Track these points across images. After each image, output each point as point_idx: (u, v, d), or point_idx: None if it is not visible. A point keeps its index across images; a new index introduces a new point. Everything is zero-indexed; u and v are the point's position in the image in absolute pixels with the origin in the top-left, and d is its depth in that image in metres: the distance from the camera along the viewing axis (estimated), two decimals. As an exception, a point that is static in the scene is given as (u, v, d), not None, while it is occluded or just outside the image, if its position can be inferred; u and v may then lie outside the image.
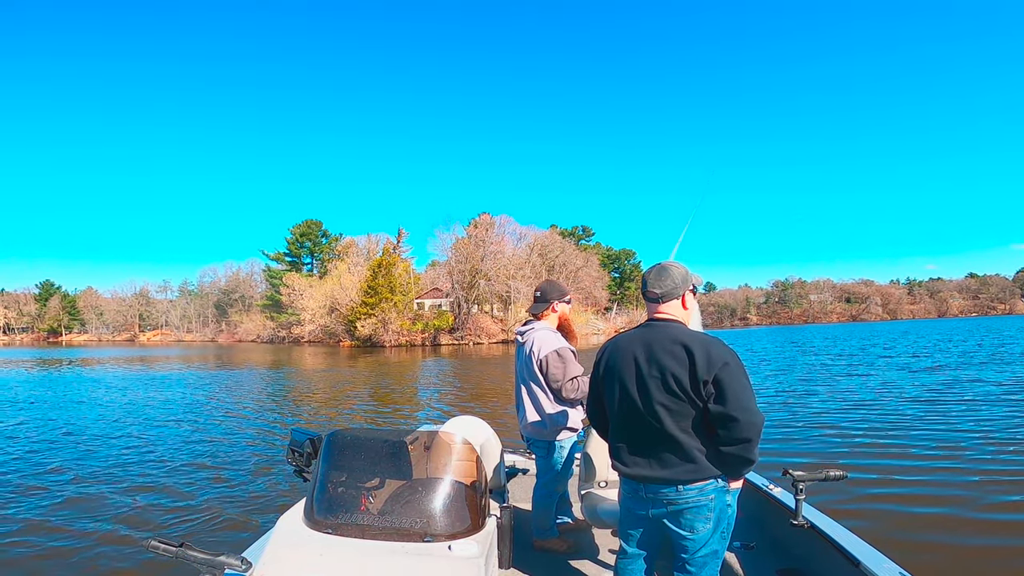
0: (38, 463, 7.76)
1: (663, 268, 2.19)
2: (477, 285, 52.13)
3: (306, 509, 2.18)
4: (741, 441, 1.94)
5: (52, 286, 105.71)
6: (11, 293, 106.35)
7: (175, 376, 22.38)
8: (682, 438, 2.00)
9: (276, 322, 70.53)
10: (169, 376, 22.43)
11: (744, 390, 1.95)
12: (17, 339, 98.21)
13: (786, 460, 6.66)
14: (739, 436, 1.93)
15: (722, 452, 1.99)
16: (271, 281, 76.55)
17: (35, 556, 4.55)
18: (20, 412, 12.95)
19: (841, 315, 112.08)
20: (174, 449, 8.49)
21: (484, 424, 3.12)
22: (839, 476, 2.66)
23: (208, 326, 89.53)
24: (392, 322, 50.92)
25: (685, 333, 2.07)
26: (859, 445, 7.75)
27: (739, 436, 1.93)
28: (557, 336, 3.21)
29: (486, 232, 53.69)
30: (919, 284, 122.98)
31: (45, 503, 5.92)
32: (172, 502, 5.84)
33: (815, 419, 9.84)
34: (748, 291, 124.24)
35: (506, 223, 57.00)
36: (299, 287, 63.17)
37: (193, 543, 1.79)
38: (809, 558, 2.78)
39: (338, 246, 70.53)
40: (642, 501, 2.11)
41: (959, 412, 9.91)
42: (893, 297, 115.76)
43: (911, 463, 6.69)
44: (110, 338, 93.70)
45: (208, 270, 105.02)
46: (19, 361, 35.95)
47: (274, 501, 5.71)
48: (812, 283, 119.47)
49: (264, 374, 23.46)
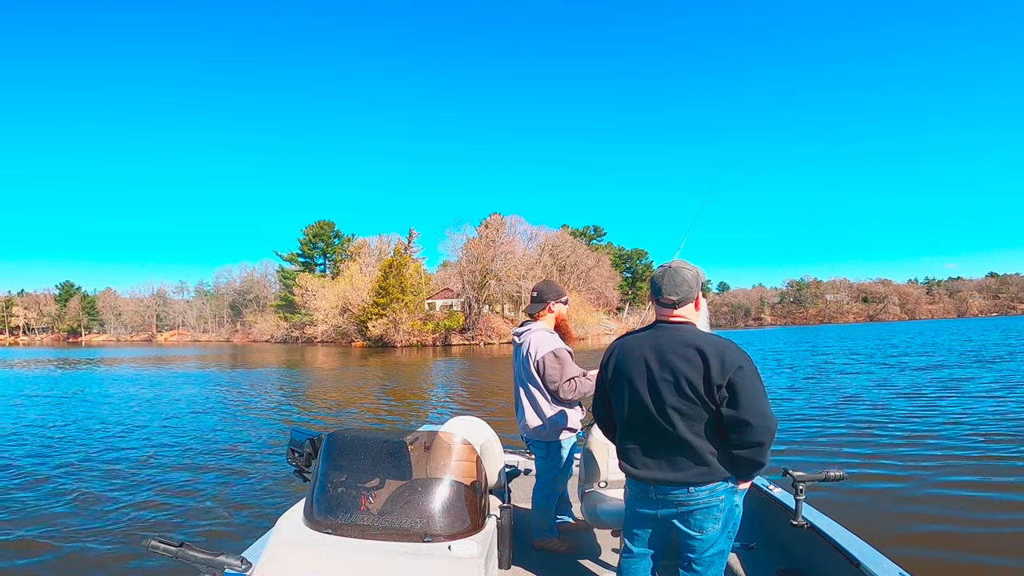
0: (39, 463, 7.82)
1: (675, 271, 2.12)
2: (488, 285, 52.17)
3: (306, 509, 2.19)
4: (754, 445, 1.93)
5: (72, 287, 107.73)
6: (32, 294, 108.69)
7: (185, 376, 22.63)
8: (694, 441, 1.98)
9: (289, 322, 71.18)
10: (180, 376, 22.69)
11: (758, 394, 1.93)
12: (38, 339, 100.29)
13: (786, 460, 6.64)
14: (753, 440, 1.92)
15: (734, 455, 1.98)
16: (284, 282, 77.26)
17: (35, 556, 4.57)
18: (27, 410, 13.18)
19: (858, 315, 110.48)
20: (175, 449, 8.54)
21: (484, 424, 3.12)
22: (839, 476, 2.64)
23: (223, 326, 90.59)
24: (403, 322, 51.14)
25: (698, 336, 2.04)
26: (859, 445, 7.72)
27: (753, 440, 1.92)
28: (554, 337, 3.19)
29: (497, 232, 53.72)
30: (938, 284, 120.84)
31: (45, 502, 5.94)
32: (172, 502, 5.86)
33: (815, 418, 9.80)
34: (762, 291, 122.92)
35: (517, 223, 57.07)
36: (312, 287, 63.71)
37: (193, 543, 1.80)
38: (809, 558, 2.77)
39: (350, 247, 70.92)
40: (651, 502, 2.09)
41: (960, 412, 9.83)
42: (911, 297, 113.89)
43: (911, 463, 6.67)
44: (128, 338, 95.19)
45: (223, 271, 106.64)
46: (37, 361, 36.64)
47: (274, 501, 5.73)
48: (828, 283, 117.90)
49: (274, 374, 23.66)
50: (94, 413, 12.59)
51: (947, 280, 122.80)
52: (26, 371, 27.26)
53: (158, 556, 1.76)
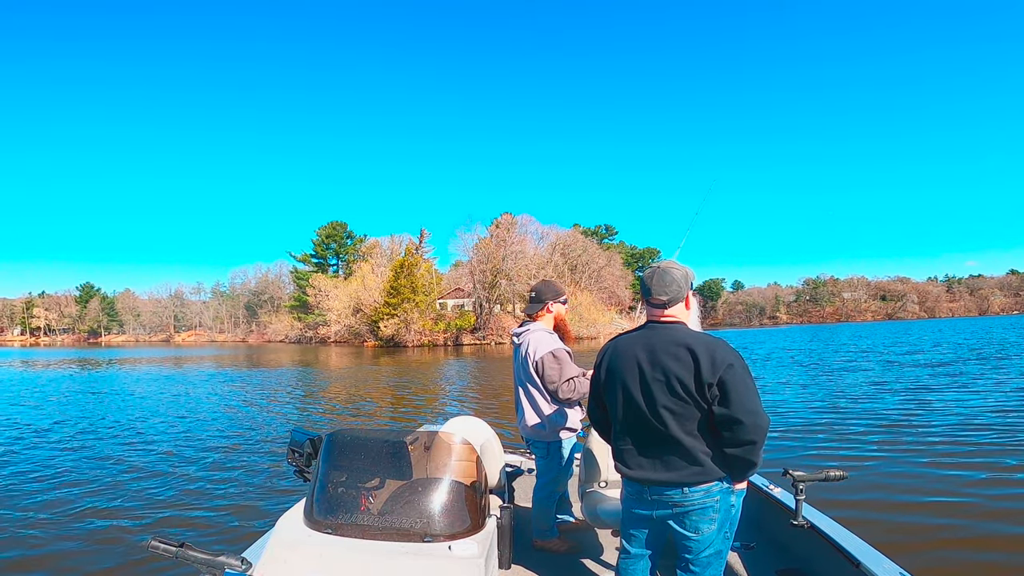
0: (40, 461, 7.90)
1: (664, 271, 2.14)
2: (499, 285, 52.18)
3: (306, 509, 2.20)
4: (746, 443, 1.93)
5: (92, 288, 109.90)
6: (53, 295, 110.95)
7: (197, 377, 22.80)
8: (687, 441, 1.98)
9: (303, 323, 71.80)
10: (192, 377, 22.87)
11: (749, 392, 1.93)
12: (59, 340, 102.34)
13: (786, 459, 6.60)
14: (744, 438, 1.92)
15: (727, 454, 1.98)
16: (298, 282, 77.98)
17: (35, 555, 4.57)
18: (28, 410, 13.35)
19: (876, 314, 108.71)
20: (177, 448, 8.59)
21: (484, 424, 3.13)
22: (839, 476, 2.63)
23: (239, 327, 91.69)
24: (414, 322, 51.36)
25: (688, 335, 2.05)
26: (860, 445, 7.67)
27: (744, 438, 1.92)
28: (553, 337, 3.18)
29: (508, 232, 53.70)
30: (958, 281, 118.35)
31: (45, 501, 5.96)
32: (173, 501, 5.88)
33: (816, 418, 9.73)
34: (777, 289, 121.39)
35: (528, 223, 57.00)
36: (324, 288, 64.21)
37: (193, 543, 1.80)
38: (809, 558, 2.76)
39: (362, 247, 71.40)
40: (646, 503, 2.09)
41: (961, 412, 9.72)
42: (931, 295, 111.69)
43: (912, 463, 6.63)
44: (147, 338, 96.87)
45: (238, 272, 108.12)
46: (60, 362, 37.30)
47: (274, 501, 5.74)
48: (845, 281, 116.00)
49: (284, 374, 23.83)
50: (99, 412, 12.71)
51: (967, 278, 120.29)
52: (44, 372, 27.80)
53: (158, 556, 1.76)
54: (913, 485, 5.84)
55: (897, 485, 5.84)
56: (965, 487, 5.71)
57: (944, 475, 6.11)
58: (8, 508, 5.76)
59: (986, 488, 5.64)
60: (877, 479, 6.02)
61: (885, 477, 6.10)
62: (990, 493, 5.50)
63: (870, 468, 6.43)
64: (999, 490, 5.58)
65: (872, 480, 5.97)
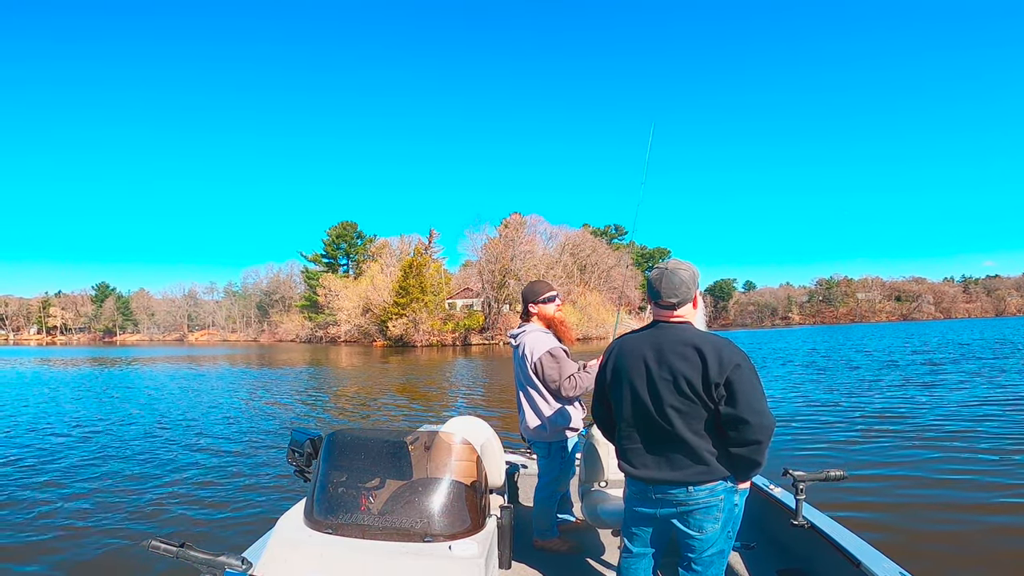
0: (44, 459, 7.94)
1: (672, 273, 2.11)
2: (507, 285, 52.22)
3: (306, 509, 2.21)
4: (752, 443, 1.93)
5: (107, 288, 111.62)
6: (69, 295, 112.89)
7: (207, 376, 22.93)
8: (693, 440, 1.98)
9: (314, 322, 72.38)
10: (202, 376, 23.00)
11: (755, 392, 1.93)
12: (75, 339, 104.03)
13: (786, 459, 6.54)
14: (750, 438, 1.92)
15: (732, 454, 1.97)
16: (309, 282, 78.64)
17: (35, 555, 4.57)
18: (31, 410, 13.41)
19: (891, 314, 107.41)
20: (179, 448, 8.58)
21: (484, 424, 3.13)
22: (839, 476, 2.61)
23: (251, 326, 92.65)
24: (423, 322, 51.56)
25: (695, 335, 2.05)
26: (860, 444, 7.63)
27: (750, 438, 1.92)
28: (549, 337, 3.17)
29: (516, 232, 53.76)
30: (975, 282, 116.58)
31: (45, 500, 5.97)
32: (173, 501, 5.88)
33: (816, 417, 9.69)
34: (790, 289, 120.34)
35: (537, 223, 57.07)
36: (335, 288, 64.72)
37: (194, 543, 1.79)
38: (809, 558, 2.75)
39: (372, 247, 71.83)
40: (650, 502, 2.09)
41: (962, 412, 9.66)
42: (947, 295, 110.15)
43: (912, 463, 6.60)
44: (161, 338, 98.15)
45: (251, 271, 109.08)
46: (75, 361, 37.91)
47: (274, 501, 5.75)
48: (859, 281, 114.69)
49: (293, 374, 23.92)
50: (101, 412, 12.74)
51: (984, 278, 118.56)
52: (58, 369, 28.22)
53: (158, 556, 1.76)
54: (914, 485, 5.82)
55: (897, 485, 5.82)
56: (966, 487, 5.69)
57: (945, 475, 6.08)
58: (10, 507, 5.78)
59: (988, 488, 5.61)
60: (877, 479, 5.99)
61: (885, 477, 6.07)
62: (991, 493, 5.47)
63: (870, 468, 6.40)
64: (1000, 490, 5.54)
65: (872, 480, 5.95)
